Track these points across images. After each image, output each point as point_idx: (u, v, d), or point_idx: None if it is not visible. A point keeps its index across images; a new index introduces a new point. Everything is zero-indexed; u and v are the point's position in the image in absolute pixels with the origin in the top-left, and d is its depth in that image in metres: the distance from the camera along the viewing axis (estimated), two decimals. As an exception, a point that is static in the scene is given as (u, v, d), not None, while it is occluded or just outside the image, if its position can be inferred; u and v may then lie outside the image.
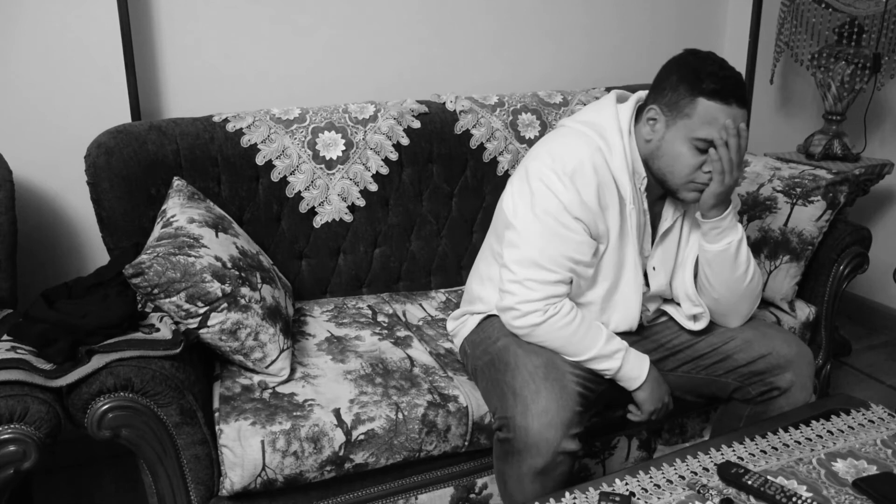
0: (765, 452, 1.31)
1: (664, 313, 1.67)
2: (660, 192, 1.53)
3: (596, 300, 1.52)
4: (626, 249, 1.50)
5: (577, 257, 1.44)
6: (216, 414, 1.44)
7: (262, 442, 1.38)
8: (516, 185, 1.51)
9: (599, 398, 1.52)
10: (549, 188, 1.42)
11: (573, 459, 1.37)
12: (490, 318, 1.60)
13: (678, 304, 1.62)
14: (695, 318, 1.60)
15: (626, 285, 1.53)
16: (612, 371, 1.48)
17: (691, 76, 1.37)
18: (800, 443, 1.34)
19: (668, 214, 1.55)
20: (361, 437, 1.44)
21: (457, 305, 1.95)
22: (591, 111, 1.54)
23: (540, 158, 1.47)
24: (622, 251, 1.50)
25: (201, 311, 1.43)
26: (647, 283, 1.58)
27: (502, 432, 1.40)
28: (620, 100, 1.54)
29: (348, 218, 1.97)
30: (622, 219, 1.47)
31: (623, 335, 1.55)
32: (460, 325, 1.69)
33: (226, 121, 1.86)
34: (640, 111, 1.49)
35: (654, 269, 1.57)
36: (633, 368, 1.49)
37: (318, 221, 1.94)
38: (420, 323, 1.87)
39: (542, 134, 2.13)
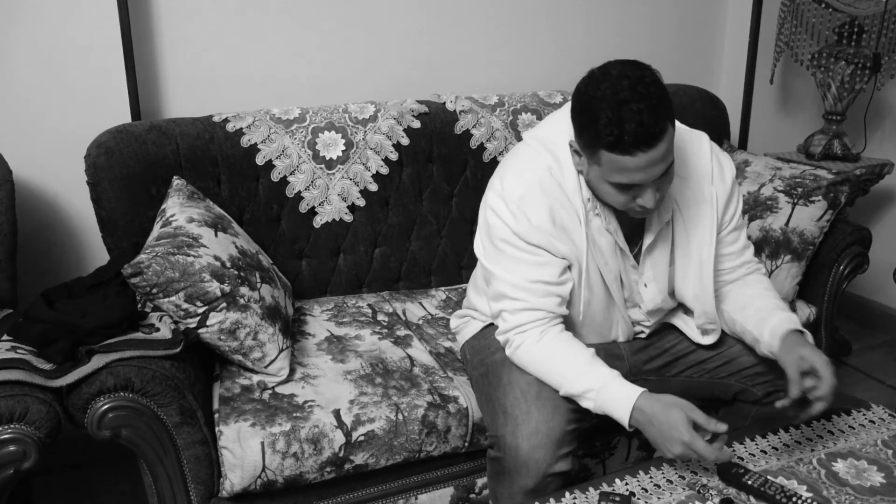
0: (765, 452, 1.31)
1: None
2: None
3: (576, 319, 1.46)
4: (598, 266, 1.42)
5: (544, 278, 1.39)
6: (216, 415, 1.44)
7: (262, 443, 1.38)
8: (480, 215, 1.47)
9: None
10: (500, 218, 1.39)
11: (565, 479, 1.35)
12: (492, 326, 1.56)
13: (686, 314, 1.57)
14: (704, 331, 1.55)
15: (608, 302, 1.47)
16: (592, 410, 1.34)
17: (590, 124, 1.23)
18: (800, 443, 1.34)
19: (651, 228, 1.44)
20: (361, 438, 1.44)
21: (457, 304, 1.95)
22: (548, 124, 1.47)
23: (493, 187, 1.42)
24: (594, 269, 1.42)
25: (200, 310, 1.43)
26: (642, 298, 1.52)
27: (493, 451, 1.39)
28: None
29: (348, 218, 1.97)
30: (588, 236, 1.40)
31: (625, 344, 1.53)
32: (463, 325, 1.68)
33: (226, 121, 1.86)
34: None
35: (645, 286, 1.50)
36: (614, 410, 1.30)
37: (318, 221, 1.94)
38: (420, 322, 1.87)
39: (542, 134, 2.13)
